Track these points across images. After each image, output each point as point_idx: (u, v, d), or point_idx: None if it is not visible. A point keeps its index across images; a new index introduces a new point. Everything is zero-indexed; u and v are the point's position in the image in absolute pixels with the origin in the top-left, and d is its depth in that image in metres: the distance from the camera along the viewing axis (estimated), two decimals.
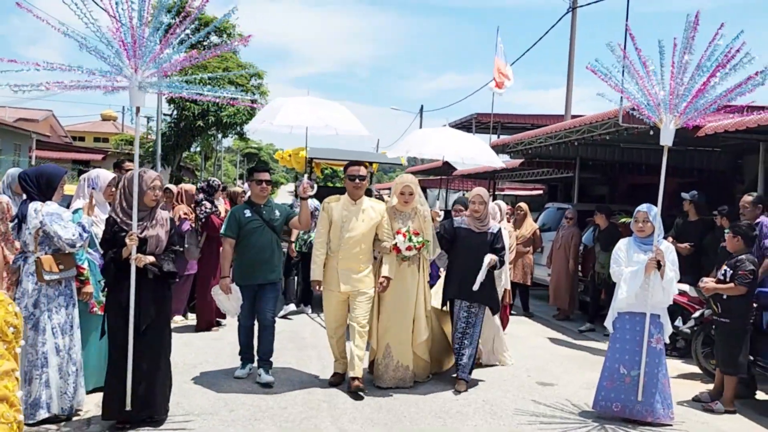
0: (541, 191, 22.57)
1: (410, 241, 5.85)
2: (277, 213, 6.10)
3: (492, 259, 5.95)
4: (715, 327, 6.12)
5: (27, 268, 4.62)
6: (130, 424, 4.62)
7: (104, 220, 4.84)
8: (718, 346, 5.99)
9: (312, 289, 6.09)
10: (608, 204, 11.26)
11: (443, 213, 7.07)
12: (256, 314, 6.05)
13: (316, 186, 8.78)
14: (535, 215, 12.22)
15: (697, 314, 6.85)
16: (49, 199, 4.70)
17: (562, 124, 11.82)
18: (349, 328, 5.91)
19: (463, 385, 6.02)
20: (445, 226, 6.27)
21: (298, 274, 9.31)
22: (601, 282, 9.22)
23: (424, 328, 6.08)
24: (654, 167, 13.10)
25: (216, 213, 8.11)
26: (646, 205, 5.56)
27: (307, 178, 6.55)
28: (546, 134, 11.73)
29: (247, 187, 9.87)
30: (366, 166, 6.15)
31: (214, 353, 6.91)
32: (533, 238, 10.27)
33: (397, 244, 5.84)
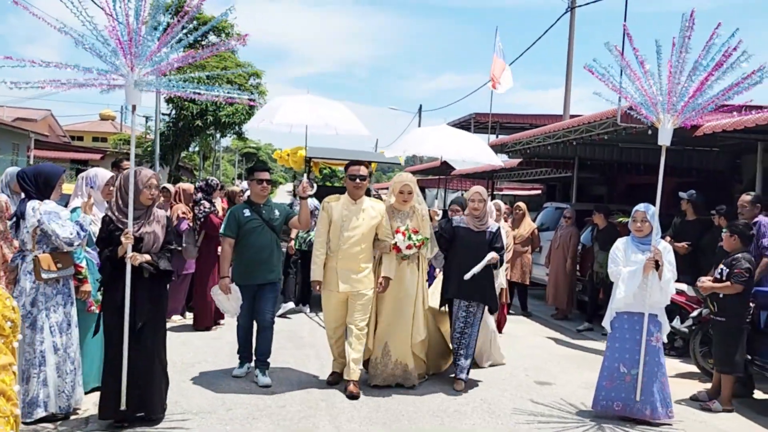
0: (539, 191, 22.58)
1: (410, 239, 5.80)
2: (277, 212, 6.05)
3: (494, 257, 5.95)
4: (711, 326, 6.13)
5: (25, 267, 4.62)
6: (128, 423, 4.61)
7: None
8: (715, 345, 6.00)
9: (312, 289, 6.05)
10: (606, 204, 11.27)
11: (442, 212, 7.04)
12: (255, 314, 6.01)
13: (316, 185, 8.79)
14: (534, 215, 12.23)
15: (695, 313, 6.85)
16: (47, 198, 4.71)
17: (560, 124, 11.83)
18: (347, 330, 5.84)
19: (461, 384, 6.01)
20: (444, 226, 6.26)
21: (297, 272, 9.30)
22: (600, 281, 9.23)
23: (423, 326, 6.07)
24: (652, 167, 13.04)
25: (214, 212, 8.11)
26: (643, 205, 5.54)
27: (306, 177, 6.53)
28: (544, 134, 11.73)
29: (245, 186, 9.89)
30: (367, 166, 6.12)
31: (213, 352, 6.91)
32: (531, 237, 10.28)
33: (396, 244, 5.79)
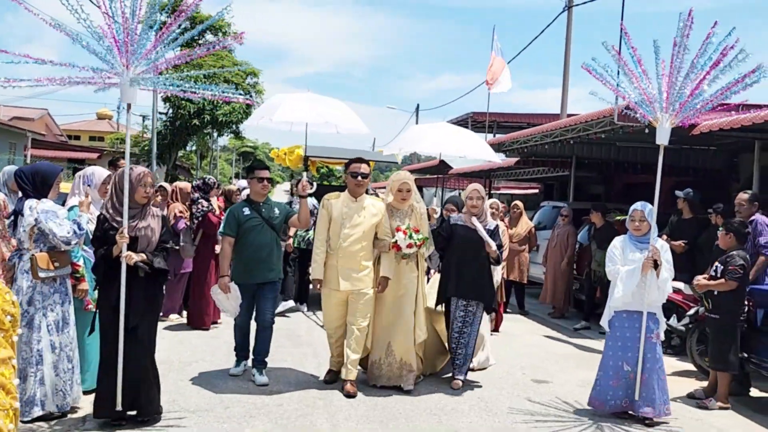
0: (536, 190, 22.59)
1: (411, 238, 5.71)
2: (277, 211, 6.00)
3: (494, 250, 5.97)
4: (707, 323, 6.14)
5: (22, 266, 4.62)
6: (125, 422, 4.60)
7: None
8: (710, 343, 6.02)
9: (313, 287, 5.99)
10: (604, 202, 11.29)
11: (440, 210, 7.03)
12: (255, 314, 5.97)
13: (316, 184, 8.78)
14: (531, 214, 12.25)
15: (692, 312, 6.87)
16: (44, 197, 4.70)
17: (557, 123, 11.84)
18: (347, 329, 5.78)
19: (459, 383, 6.01)
20: (442, 224, 6.25)
21: (295, 271, 9.28)
22: (597, 280, 9.25)
23: (424, 326, 6.04)
24: (649, 166, 13.10)
25: (212, 211, 8.10)
26: (640, 204, 5.53)
27: (305, 176, 6.50)
28: (541, 133, 11.74)
29: (242, 185, 9.88)
30: (368, 164, 6.06)
31: (210, 351, 6.90)
32: (529, 236, 10.30)
33: (397, 242, 5.71)
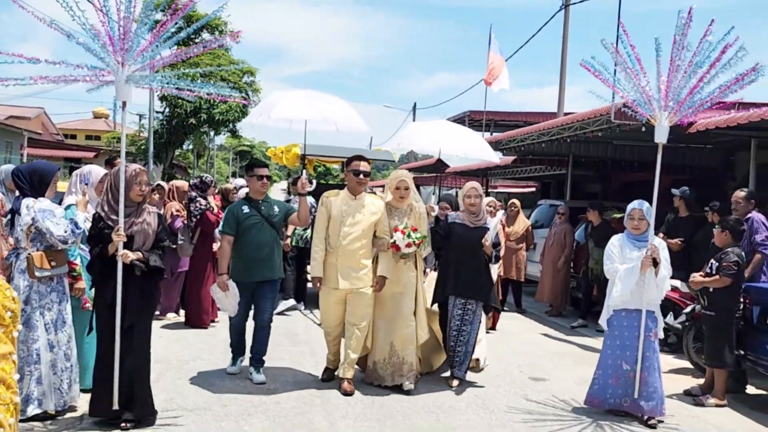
0: (533, 188, 22.62)
1: (409, 237, 5.67)
2: (276, 209, 5.96)
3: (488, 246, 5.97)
4: (703, 320, 6.16)
5: (19, 265, 4.60)
6: (122, 421, 4.58)
7: None
8: (705, 339, 6.04)
9: (313, 286, 5.95)
10: (601, 201, 11.30)
11: (438, 208, 7.02)
12: (254, 313, 5.94)
13: (315, 182, 8.76)
14: (528, 212, 12.26)
15: (688, 309, 6.89)
16: (41, 196, 4.69)
17: (554, 121, 11.85)
18: (346, 329, 5.76)
19: (456, 381, 6.01)
20: (440, 222, 6.24)
21: (293, 270, 9.27)
22: (594, 278, 9.27)
23: (426, 325, 6.04)
24: (646, 164, 13.15)
25: (210, 209, 8.09)
26: (638, 202, 5.52)
27: (304, 173, 6.47)
28: (539, 131, 11.75)
29: (238, 184, 9.87)
30: (369, 162, 6.03)
31: (208, 350, 6.90)
32: (526, 234, 10.30)
33: (396, 242, 5.66)
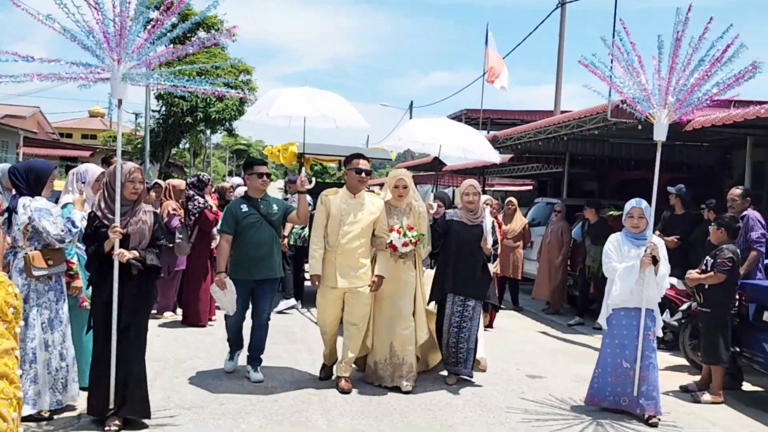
0: (530, 186, 22.66)
1: (405, 236, 5.66)
2: (275, 207, 5.92)
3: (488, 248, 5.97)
4: (698, 317, 6.18)
5: (16, 264, 4.59)
6: (120, 419, 4.58)
7: None
8: (701, 336, 6.06)
9: (311, 284, 5.94)
10: (598, 199, 11.33)
11: (436, 206, 7.01)
12: (252, 312, 5.92)
13: (315, 180, 8.75)
14: (525, 210, 12.27)
15: (685, 307, 6.90)
16: (38, 195, 4.68)
17: (551, 119, 11.87)
18: (344, 328, 5.75)
19: (454, 378, 6.02)
20: (438, 220, 6.24)
21: (291, 268, 9.26)
22: (591, 276, 9.28)
23: (425, 326, 6.04)
24: (643, 162, 13.18)
25: (208, 208, 8.08)
26: (637, 200, 5.50)
27: (303, 172, 6.45)
28: (535, 129, 11.77)
29: (235, 182, 9.85)
30: (368, 160, 6.01)
31: (205, 348, 6.90)
32: (523, 232, 10.32)
33: (392, 242, 5.65)
